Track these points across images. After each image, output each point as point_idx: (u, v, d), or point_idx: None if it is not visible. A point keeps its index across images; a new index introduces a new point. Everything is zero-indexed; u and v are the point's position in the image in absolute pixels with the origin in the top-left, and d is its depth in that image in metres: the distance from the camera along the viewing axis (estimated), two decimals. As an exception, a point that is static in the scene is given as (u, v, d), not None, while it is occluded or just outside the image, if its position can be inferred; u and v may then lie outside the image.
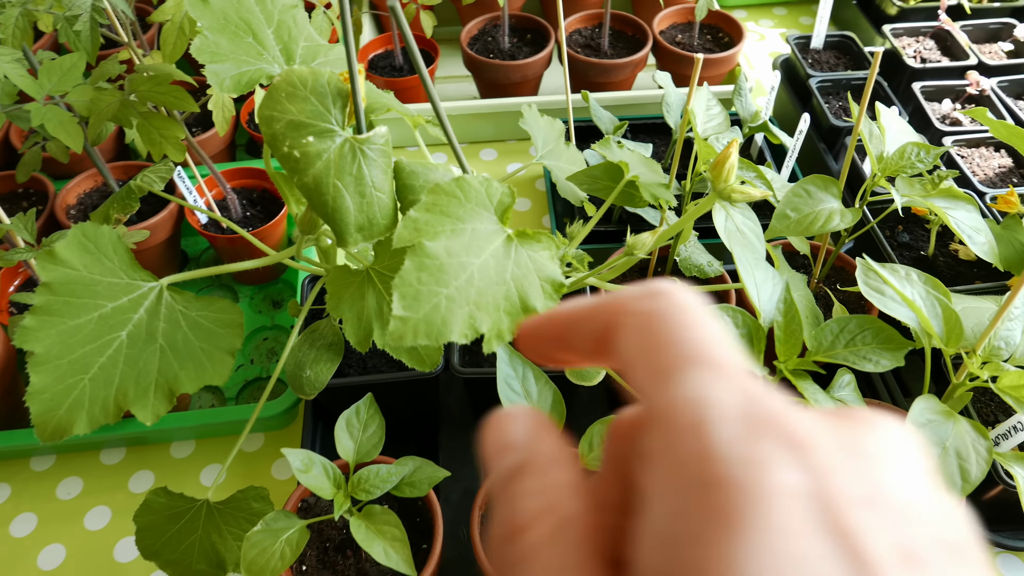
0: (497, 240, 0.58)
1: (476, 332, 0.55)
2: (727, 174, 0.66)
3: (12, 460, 0.99)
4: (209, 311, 0.67)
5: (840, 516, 0.16)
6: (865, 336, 0.60)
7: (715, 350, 0.20)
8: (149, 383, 0.64)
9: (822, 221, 0.77)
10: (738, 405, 0.18)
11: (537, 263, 0.59)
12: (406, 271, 0.53)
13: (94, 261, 0.63)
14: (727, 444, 0.17)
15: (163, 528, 0.72)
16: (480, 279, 0.55)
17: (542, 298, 0.58)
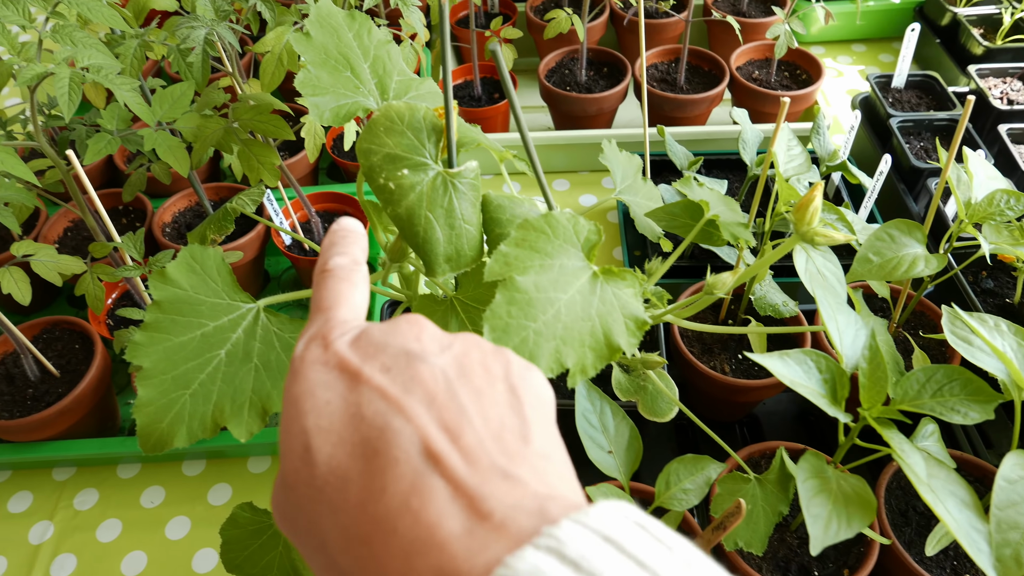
0: (583, 276, 0.59)
1: (562, 366, 0.56)
2: (811, 217, 0.66)
3: (101, 467, 1.04)
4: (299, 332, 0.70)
5: (343, 362, 0.31)
6: (953, 387, 0.59)
7: (327, 298, 0.36)
8: (244, 401, 0.67)
9: (905, 267, 0.76)
10: (313, 332, 0.34)
11: (621, 300, 0.60)
12: (497, 304, 0.55)
13: (200, 282, 0.67)
14: (298, 350, 0.33)
15: (246, 542, 0.75)
16: (567, 314, 0.57)
17: (625, 335, 0.59)
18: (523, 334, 0.54)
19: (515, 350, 0.54)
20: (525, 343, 0.54)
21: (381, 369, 0.30)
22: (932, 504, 0.54)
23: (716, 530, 0.65)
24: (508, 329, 0.54)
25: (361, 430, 0.28)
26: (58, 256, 0.84)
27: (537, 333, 0.55)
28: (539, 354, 0.55)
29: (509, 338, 0.54)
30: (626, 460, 0.66)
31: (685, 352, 0.90)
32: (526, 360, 0.54)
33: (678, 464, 0.65)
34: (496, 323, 0.54)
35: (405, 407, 0.28)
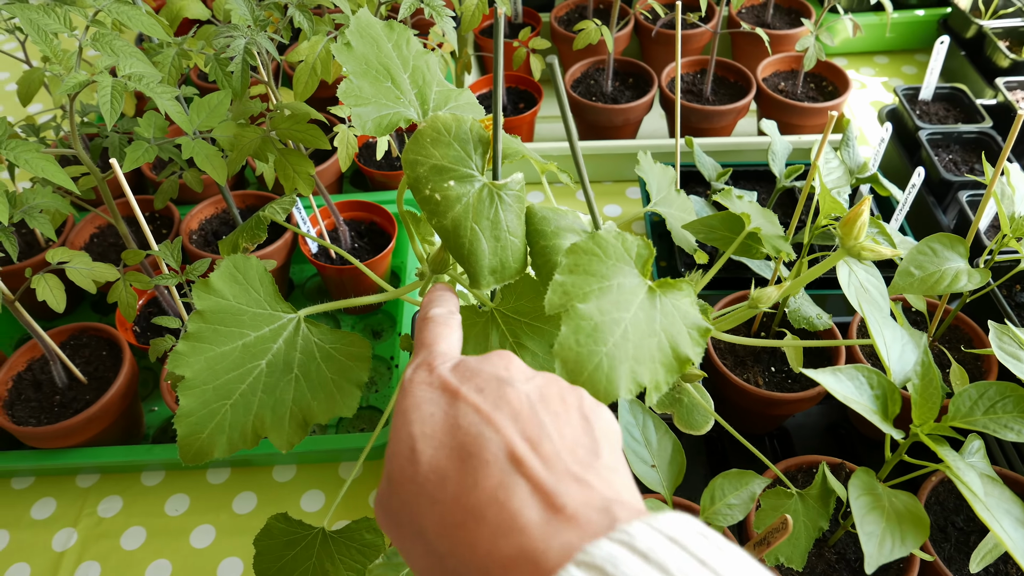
0: (641, 293, 0.58)
1: (639, 386, 0.53)
2: (859, 231, 0.66)
3: (125, 474, 1.03)
4: (341, 344, 0.69)
5: (445, 383, 0.37)
6: (1006, 404, 0.58)
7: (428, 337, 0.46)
8: (284, 412, 0.66)
9: (948, 281, 0.75)
10: (419, 361, 0.41)
11: (681, 311, 0.59)
12: (564, 337, 0.52)
13: (242, 291, 0.66)
14: (407, 375, 0.40)
15: (279, 553, 0.74)
16: (634, 333, 0.55)
17: (691, 345, 0.57)
18: (596, 360, 0.52)
19: (591, 378, 0.51)
20: (600, 369, 0.52)
21: (475, 390, 0.37)
22: (988, 522, 0.53)
23: (759, 545, 0.64)
24: (580, 359, 0.52)
25: (458, 437, 0.34)
26: (92, 264, 0.84)
27: (609, 356, 0.53)
28: (616, 377, 0.53)
29: (583, 367, 0.52)
30: (669, 474, 0.65)
31: (719, 364, 0.89)
32: (605, 385, 0.52)
33: (723, 479, 0.65)
34: (567, 355, 0.52)
35: (494, 420, 0.35)
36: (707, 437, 1.00)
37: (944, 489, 0.79)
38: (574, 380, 0.51)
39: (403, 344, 0.90)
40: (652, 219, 1.23)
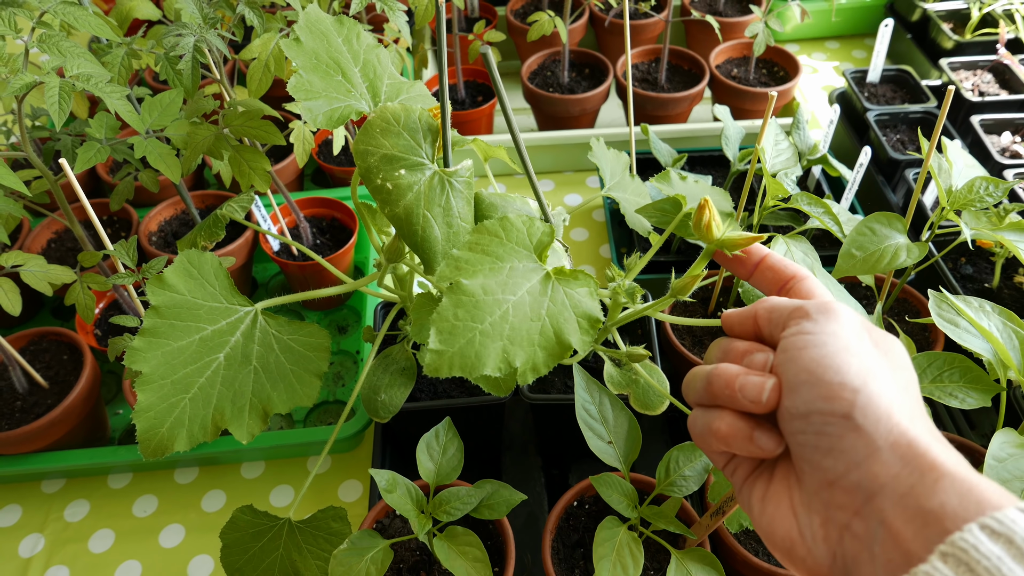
0: (535, 278, 0.59)
1: (510, 366, 0.56)
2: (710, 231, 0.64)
3: (91, 477, 1.03)
4: (299, 335, 0.70)
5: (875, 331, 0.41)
6: (952, 374, 0.61)
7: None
8: (244, 403, 0.67)
9: (888, 258, 0.78)
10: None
11: (574, 299, 0.60)
12: (443, 308, 0.55)
13: (197, 286, 0.67)
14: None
15: (247, 545, 0.75)
16: (515, 315, 0.57)
17: (577, 333, 0.59)
18: (469, 335, 0.55)
19: (461, 351, 0.54)
20: (471, 344, 0.55)
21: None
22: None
23: (715, 515, 0.66)
24: (454, 331, 0.54)
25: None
26: (48, 266, 0.83)
27: (483, 334, 0.55)
28: (485, 355, 0.55)
29: (455, 340, 0.54)
30: (626, 449, 0.67)
31: (676, 344, 0.91)
32: (473, 360, 0.55)
33: (677, 452, 0.66)
34: (443, 326, 0.54)
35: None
36: (669, 417, 1.02)
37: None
38: (445, 350, 0.52)
39: (366, 336, 0.91)
40: (611, 207, 1.25)
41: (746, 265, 0.51)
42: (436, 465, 0.70)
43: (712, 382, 0.42)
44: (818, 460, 0.38)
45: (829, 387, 0.37)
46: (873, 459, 0.36)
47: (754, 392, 0.40)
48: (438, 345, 0.54)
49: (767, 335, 0.44)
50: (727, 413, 0.42)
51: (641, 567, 0.60)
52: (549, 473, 0.99)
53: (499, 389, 0.73)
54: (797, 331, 0.40)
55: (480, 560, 0.65)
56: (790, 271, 0.48)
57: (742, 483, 0.44)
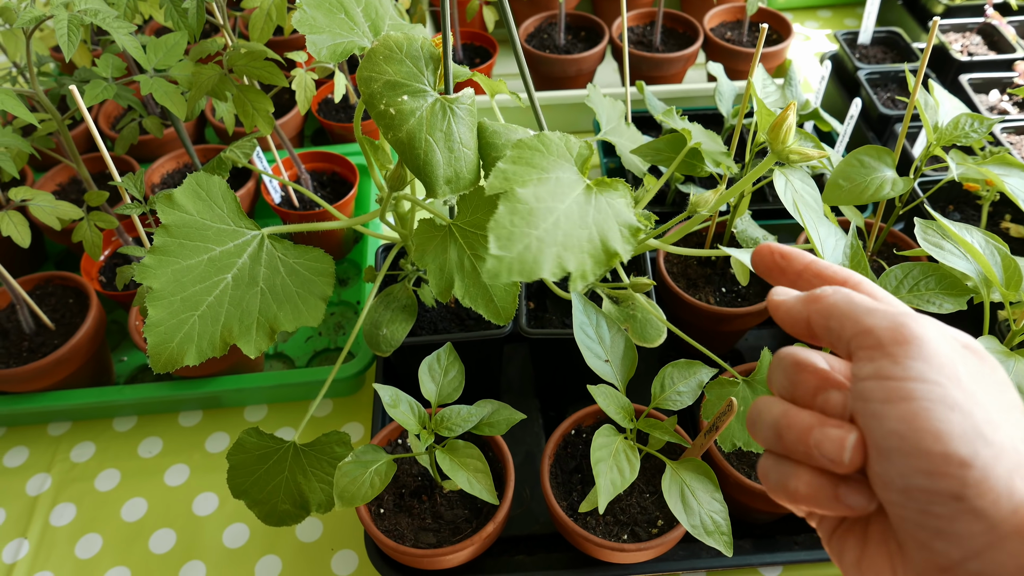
0: (578, 188, 0.62)
1: (563, 271, 0.59)
2: (785, 135, 0.70)
3: (97, 420, 1.05)
4: (304, 259, 0.72)
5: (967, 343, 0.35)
6: (929, 282, 0.63)
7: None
8: (251, 322, 0.69)
9: (874, 189, 0.80)
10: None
11: (615, 209, 0.63)
12: (500, 215, 0.57)
13: (206, 208, 0.69)
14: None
15: (252, 468, 0.77)
16: (566, 222, 0.60)
17: (621, 241, 0.62)
18: (526, 241, 0.57)
19: (519, 256, 0.56)
20: (529, 249, 0.57)
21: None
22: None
23: (709, 432, 0.68)
24: (512, 237, 0.57)
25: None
26: (56, 201, 0.85)
27: (539, 240, 0.57)
28: (543, 259, 0.57)
29: (513, 245, 0.56)
30: (622, 368, 0.69)
31: (672, 286, 0.93)
32: (531, 264, 0.57)
33: (672, 368, 0.69)
34: (501, 232, 0.56)
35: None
36: (664, 356, 1.04)
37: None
38: (504, 256, 0.54)
39: (367, 276, 0.93)
40: (605, 153, 1.27)
41: (786, 272, 0.42)
42: (438, 387, 0.72)
43: (783, 435, 0.36)
44: (925, 540, 0.31)
45: (929, 459, 0.31)
46: (998, 548, 0.30)
47: (833, 451, 0.33)
48: (497, 251, 0.55)
49: (827, 344, 0.37)
50: (804, 471, 0.35)
51: (637, 472, 0.62)
52: (547, 415, 1.01)
53: (499, 317, 0.75)
54: (874, 374, 0.33)
55: (481, 471, 0.67)
56: (840, 276, 0.40)
57: (829, 536, 0.38)
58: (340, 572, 0.89)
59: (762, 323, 1.01)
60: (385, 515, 0.77)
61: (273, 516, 0.78)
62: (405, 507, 0.78)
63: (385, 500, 0.78)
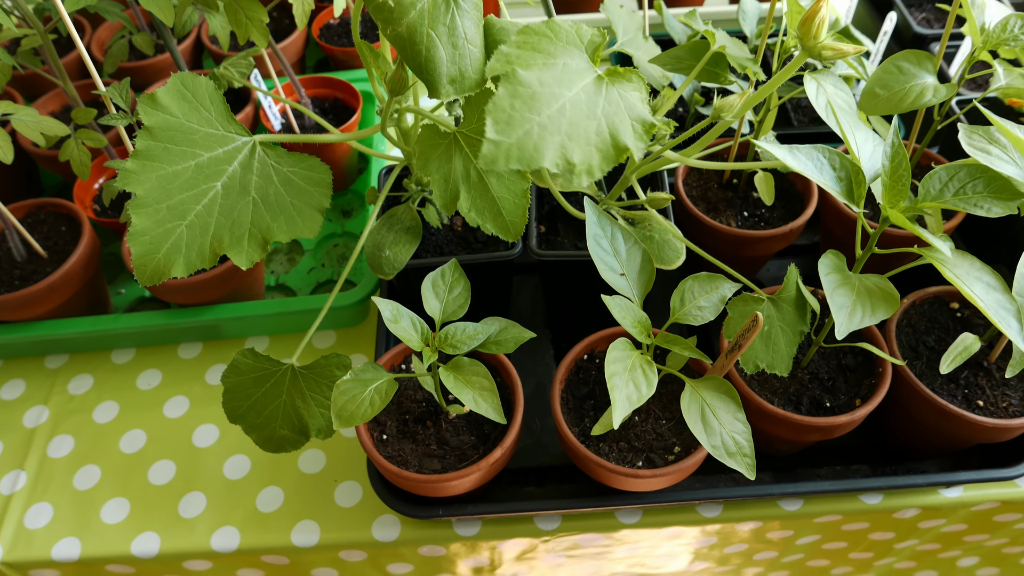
0: (588, 77, 0.57)
1: (567, 162, 0.54)
2: (817, 29, 0.64)
3: (94, 353, 1.02)
4: (299, 168, 0.67)
5: None
6: (976, 185, 0.58)
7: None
8: (243, 232, 0.65)
9: (914, 96, 0.74)
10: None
11: (628, 102, 0.58)
12: (499, 98, 0.53)
13: (192, 110, 0.64)
14: None
15: (249, 391, 0.73)
16: (572, 111, 0.55)
17: (632, 137, 0.57)
18: (527, 127, 0.53)
19: (519, 142, 0.52)
20: (529, 136, 0.53)
21: None
22: (959, 286, 0.53)
23: (731, 352, 0.64)
24: (511, 121, 0.53)
25: None
26: (40, 116, 0.80)
27: (541, 127, 0.53)
28: (544, 148, 0.53)
29: (513, 130, 0.52)
30: (639, 281, 0.64)
31: (691, 208, 0.88)
32: (532, 152, 0.53)
33: (693, 281, 0.64)
34: (499, 116, 0.52)
35: None
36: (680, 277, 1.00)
37: (916, 312, 0.79)
38: (502, 141, 0.50)
39: (369, 198, 0.89)
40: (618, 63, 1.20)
41: None
42: (442, 304, 0.68)
43: None
44: None
45: None
46: None
47: None
48: (495, 135, 0.52)
49: None
50: None
51: (654, 388, 0.58)
52: (558, 346, 0.97)
53: (507, 232, 0.70)
54: None
55: (488, 389, 0.63)
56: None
57: None
58: (344, 504, 0.86)
59: (786, 250, 0.96)
60: (388, 441, 0.74)
61: (271, 442, 0.75)
62: (409, 433, 0.74)
63: (388, 426, 0.75)
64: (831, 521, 0.87)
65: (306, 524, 0.85)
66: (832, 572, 1.05)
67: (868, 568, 1.04)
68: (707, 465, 0.78)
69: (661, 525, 0.82)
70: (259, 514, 0.86)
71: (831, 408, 0.72)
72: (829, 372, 0.75)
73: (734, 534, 0.89)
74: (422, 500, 0.77)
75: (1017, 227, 0.89)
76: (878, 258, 0.79)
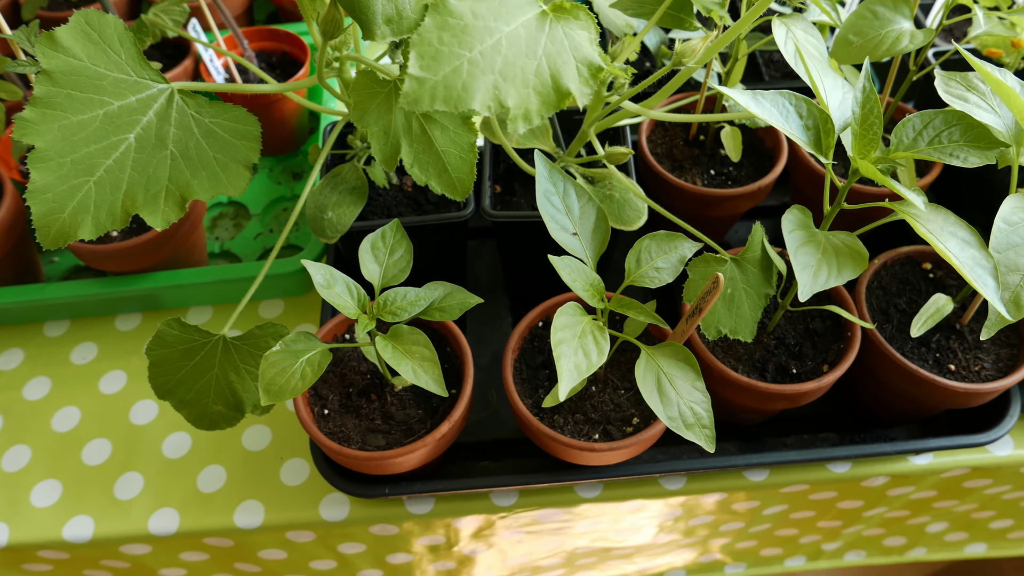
0: (530, 11, 0.52)
1: (500, 105, 0.50)
2: None
3: (26, 325, 0.95)
4: (223, 119, 0.61)
5: None
6: (952, 133, 0.54)
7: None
8: (160, 189, 0.59)
9: (890, 43, 0.70)
10: None
11: (574, 41, 0.52)
12: (425, 29, 0.48)
13: (99, 52, 0.57)
14: None
15: (177, 364, 0.68)
16: (508, 48, 0.50)
17: (577, 80, 0.52)
18: (456, 63, 0.48)
19: (446, 80, 0.47)
20: (458, 73, 0.48)
21: None
22: (932, 242, 0.48)
23: (692, 317, 0.59)
24: (438, 56, 0.47)
25: None
26: (-55, 66, 0.73)
27: (472, 63, 0.48)
28: (474, 88, 0.48)
29: (439, 67, 0.47)
30: (593, 242, 0.59)
31: (655, 166, 0.83)
32: (460, 92, 0.48)
33: (650, 240, 0.59)
34: (425, 50, 0.47)
35: None
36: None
37: (887, 274, 0.75)
38: (427, 78, 0.45)
39: (312, 156, 0.83)
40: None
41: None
42: (382, 267, 0.63)
43: None
44: None
45: None
46: None
47: None
48: (419, 71, 0.47)
49: None
50: None
51: (606, 356, 0.54)
52: (517, 314, 0.92)
53: (454, 190, 0.65)
54: None
55: (428, 359, 0.58)
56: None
57: None
58: (290, 482, 0.82)
59: (755, 210, 0.92)
60: (330, 416, 0.69)
61: (204, 419, 0.69)
62: (352, 407, 0.70)
63: (330, 400, 0.70)
64: (798, 491, 0.84)
65: (250, 504, 0.80)
66: (800, 541, 1.03)
67: (836, 536, 1.02)
68: (669, 436, 0.75)
69: (622, 499, 0.78)
70: (200, 495, 0.81)
71: (798, 375, 0.68)
72: (796, 337, 0.71)
73: (699, 506, 0.86)
74: (369, 478, 0.73)
75: (994, 185, 0.86)
76: (848, 217, 0.75)
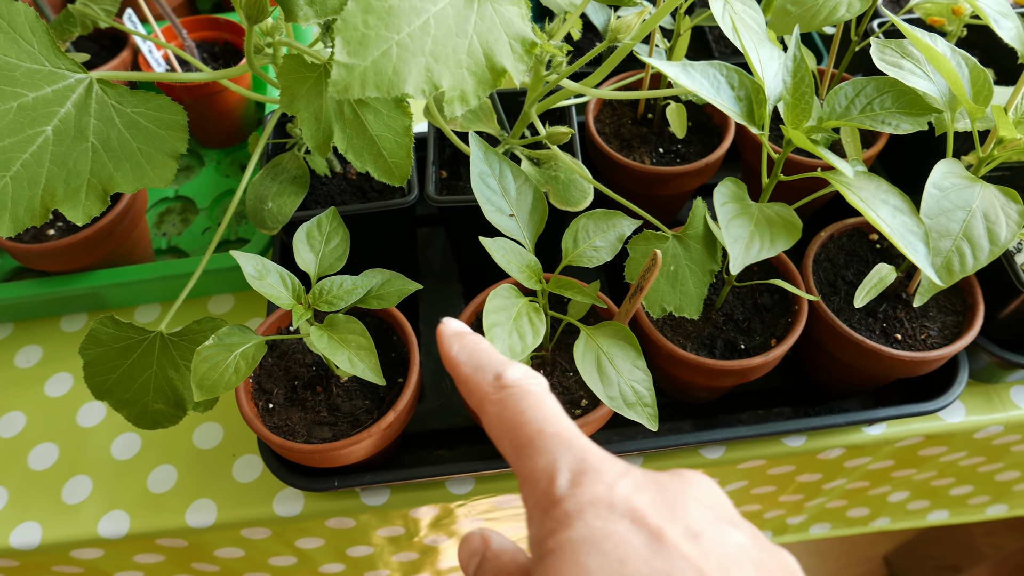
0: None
1: (434, 87, 0.48)
2: None
3: (-34, 330, 0.93)
4: (146, 108, 0.59)
5: (637, 514, 0.26)
6: (884, 100, 0.53)
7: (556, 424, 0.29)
8: (81, 183, 0.57)
9: (827, 12, 0.69)
10: (575, 466, 0.28)
11: (504, 18, 0.51)
12: (349, 13, 0.46)
13: (8, 42, 0.55)
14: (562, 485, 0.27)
15: (114, 363, 0.66)
16: (437, 28, 0.48)
17: (511, 56, 0.51)
18: (384, 47, 0.46)
19: (375, 65, 0.46)
20: (387, 57, 0.46)
21: (689, 536, 0.26)
22: (863, 210, 0.48)
23: (634, 295, 0.59)
24: (365, 41, 0.46)
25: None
26: None
27: (401, 46, 0.47)
28: (405, 71, 0.47)
29: (367, 51, 0.46)
30: (530, 223, 0.58)
31: (602, 146, 0.82)
32: (391, 76, 0.47)
33: (587, 219, 0.59)
34: (350, 35, 0.46)
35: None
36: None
37: (834, 245, 0.75)
38: (356, 64, 0.44)
39: (252, 145, 0.81)
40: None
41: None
42: (318, 257, 0.61)
43: None
44: None
45: None
46: None
47: None
48: (346, 58, 0.45)
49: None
50: None
51: (542, 338, 0.53)
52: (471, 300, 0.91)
53: (392, 175, 0.64)
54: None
55: (365, 348, 0.57)
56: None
57: None
58: (242, 479, 0.80)
59: (705, 188, 0.91)
60: (275, 410, 0.68)
61: (145, 418, 0.68)
62: (298, 400, 0.68)
63: (275, 394, 0.69)
64: (756, 466, 0.84)
65: (202, 503, 0.79)
66: (765, 516, 1.04)
67: (800, 510, 1.03)
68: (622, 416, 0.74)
69: (579, 481, 0.78)
70: (150, 495, 0.80)
71: (746, 350, 0.68)
72: (744, 313, 0.71)
73: (658, 486, 0.86)
74: (319, 471, 0.71)
75: (939, 154, 0.86)
76: (789, 189, 0.75)
